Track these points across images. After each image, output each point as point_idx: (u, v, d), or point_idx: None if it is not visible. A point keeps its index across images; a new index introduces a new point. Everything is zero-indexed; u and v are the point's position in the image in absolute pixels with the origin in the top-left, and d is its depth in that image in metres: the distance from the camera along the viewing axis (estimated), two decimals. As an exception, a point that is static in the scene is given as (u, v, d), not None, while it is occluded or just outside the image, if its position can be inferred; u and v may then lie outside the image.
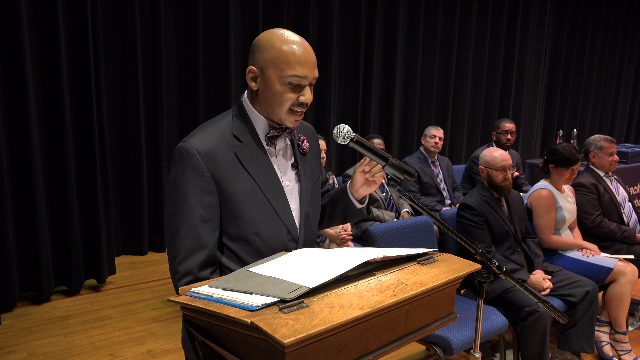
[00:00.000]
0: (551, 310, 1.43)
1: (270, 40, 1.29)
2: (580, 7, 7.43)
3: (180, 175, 1.27)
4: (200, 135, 1.30)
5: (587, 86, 7.87)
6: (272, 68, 1.27)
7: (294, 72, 1.26)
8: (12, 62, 3.27)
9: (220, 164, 1.28)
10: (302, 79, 1.28)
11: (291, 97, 1.29)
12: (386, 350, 1.08)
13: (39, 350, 2.90)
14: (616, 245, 3.25)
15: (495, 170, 2.80)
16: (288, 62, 1.26)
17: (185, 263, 1.26)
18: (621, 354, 2.94)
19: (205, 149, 1.27)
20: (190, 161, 1.26)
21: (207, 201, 1.27)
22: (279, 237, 1.35)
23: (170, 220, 1.29)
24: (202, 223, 1.27)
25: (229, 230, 1.32)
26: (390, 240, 2.70)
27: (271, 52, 1.27)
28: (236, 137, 1.32)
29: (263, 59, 1.29)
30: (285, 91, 1.28)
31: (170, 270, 1.29)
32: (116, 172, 4.21)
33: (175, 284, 1.27)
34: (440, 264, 1.24)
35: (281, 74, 1.27)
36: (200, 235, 1.27)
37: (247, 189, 1.31)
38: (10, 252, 3.26)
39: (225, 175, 1.29)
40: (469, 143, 6.65)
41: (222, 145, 1.30)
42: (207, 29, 4.46)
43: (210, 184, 1.27)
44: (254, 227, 1.31)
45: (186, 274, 1.26)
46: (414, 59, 5.88)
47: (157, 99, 4.24)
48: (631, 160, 5.22)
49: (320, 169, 1.56)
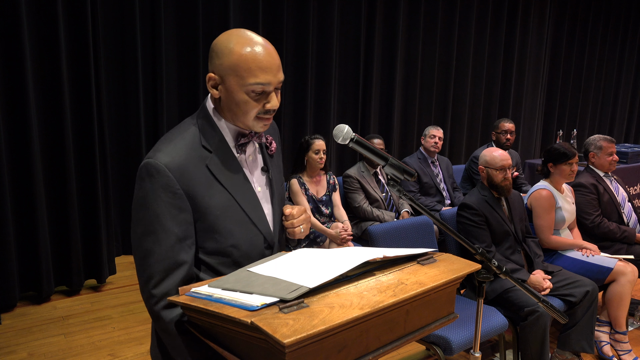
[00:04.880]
0: (551, 310, 1.43)
1: (229, 44, 1.18)
2: (580, 7, 7.43)
3: (151, 194, 1.18)
4: (168, 149, 1.21)
5: (587, 86, 7.87)
6: (233, 76, 1.18)
7: (257, 80, 1.17)
8: (12, 62, 3.27)
9: (193, 178, 1.21)
10: (265, 85, 1.19)
11: (256, 106, 1.21)
12: (386, 350, 1.08)
13: (39, 350, 2.90)
14: (616, 245, 3.25)
15: (495, 170, 2.80)
16: (249, 69, 1.16)
17: (162, 286, 1.18)
18: (621, 354, 2.95)
19: (175, 164, 1.18)
20: (160, 180, 1.17)
21: (181, 218, 1.20)
22: (256, 246, 1.31)
23: (140, 242, 1.20)
24: (177, 242, 1.19)
25: (205, 245, 1.25)
26: (390, 240, 2.70)
27: (230, 58, 1.18)
28: (205, 148, 1.24)
29: (222, 65, 1.19)
30: (248, 100, 1.19)
31: (143, 294, 1.20)
32: (116, 172, 4.21)
33: (151, 308, 1.19)
34: (440, 264, 1.24)
35: (242, 82, 1.18)
36: (177, 255, 1.19)
37: (222, 201, 1.24)
38: (10, 252, 3.27)
39: (198, 189, 1.21)
40: (468, 143, 6.65)
41: (193, 159, 1.22)
42: (207, 29, 4.46)
43: (184, 201, 1.19)
44: (231, 240, 1.26)
45: (163, 296, 1.18)
46: (414, 59, 5.88)
47: (157, 99, 4.24)
48: (631, 160, 5.22)
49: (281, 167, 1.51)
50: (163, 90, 4.25)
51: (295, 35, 5.01)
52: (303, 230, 1.39)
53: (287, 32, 4.92)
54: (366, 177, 3.76)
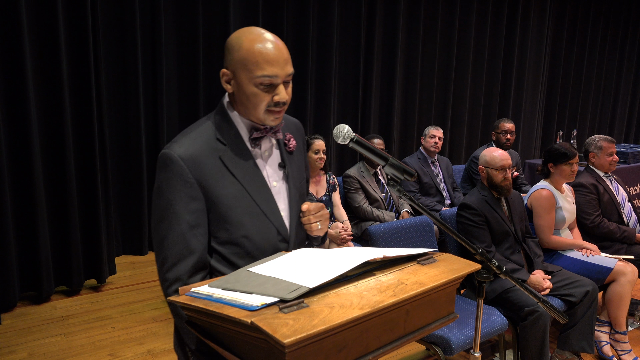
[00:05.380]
0: (551, 310, 1.43)
1: (239, 40, 1.26)
2: (580, 7, 7.43)
3: (165, 183, 1.25)
4: (183, 141, 1.28)
5: (587, 86, 7.87)
6: (242, 70, 1.25)
7: (263, 72, 1.23)
8: (12, 62, 3.27)
9: (205, 169, 1.27)
10: (273, 78, 1.24)
11: (265, 98, 1.26)
12: (386, 350, 1.08)
13: (39, 350, 2.90)
14: (616, 245, 3.25)
15: (495, 170, 2.80)
16: (256, 62, 1.23)
17: (174, 270, 1.25)
18: (621, 354, 2.95)
19: (188, 155, 1.25)
20: (174, 168, 1.24)
21: (193, 207, 1.26)
22: (269, 238, 1.33)
23: (157, 228, 1.28)
24: (189, 229, 1.25)
25: (217, 235, 1.30)
26: (390, 240, 2.70)
27: (240, 53, 1.25)
28: (219, 141, 1.30)
29: (233, 60, 1.26)
30: (257, 92, 1.25)
31: (159, 277, 1.28)
32: (116, 172, 4.21)
33: (165, 291, 1.26)
34: (440, 264, 1.24)
35: (251, 75, 1.24)
36: (188, 241, 1.25)
37: (234, 192, 1.29)
38: (10, 252, 3.26)
39: (210, 180, 1.27)
40: (468, 143, 6.65)
41: (206, 150, 1.28)
42: (207, 28, 4.46)
43: (196, 190, 1.26)
44: (242, 231, 1.30)
45: (175, 280, 1.24)
46: (414, 59, 5.88)
47: (157, 99, 4.24)
48: (631, 160, 5.22)
49: (306, 165, 1.54)
50: (163, 90, 4.25)
51: (295, 35, 5.01)
52: (320, 227, 1.42)
53: (287, 32, 4.92)
54: (366, 177, 3.76)
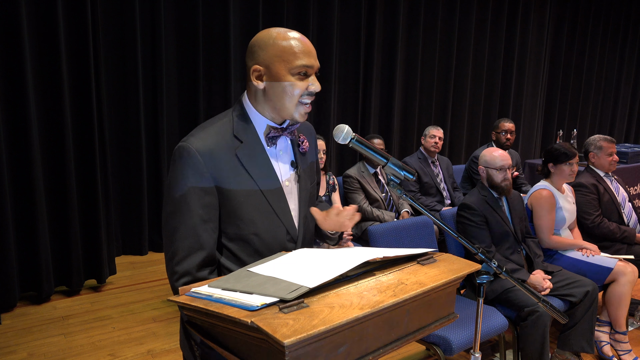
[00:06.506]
0: (551, 310, 1.43)
1: (271, 37, 1.31)
2: (580, 7, 7.43)
3: (180, 175, 1.26)
4: (201, 134, 1.30)
5: (587, 86, 7.87)
6: (279, 62, 1.29)
7: (302, 62, 1.29)
8: (12, 62, 3.27)
9: (220, 163, 1.28)
10: (309, 68, 1.31)
11: (302, 86, 1.31)
12: (386, 350, 1.08)
13: (39, 350, 2.90)
14: (616, 246, 3.25)
15: (495, 170, 2.80)
16: (294, 53, 1.29)
17: (184, 263, 1.25)
18: (621, 354, 2.94)
19: (205, 148, 1.26)
20: (189, 161, 1.25)
21: (206, 201, 1.27)
22: (278, 237, 1.35)
23: (168, 220, 1.28)
24: (201, 223, 1.26)
25: (228, 231, 1.32)
26: (390, 240, 2.70)
27: (275, 48, 1.29)
28: (236, 137, 1.32)
29: (267, 55, 1.30)
30: (295, 82, 1.30)
31: (168, 270, 1.29)
32: (116, 172, 4.21)
33: (173, 284, 1.26)
34: (440, 264, 1.24)
35: (290, 65, 1.29)
36: (199, 235, 1.26)
37: (247, 189, 1.30)
38: (10, 252, 3.26)
39: (225, 175, 1.28)
40: (468, 143, 6.65)
41: (222, 145, 1.29)
42: (207, 29, 4.46)
43: (210, 184, 1.27)
44: (253, 228, 1.31)
45: (184, 274, 1.25)
46: (414, 59, 5.88)
47: (157, 99, 4.24)
48: (631, 160, 5.21)
49: (317, 168, 1.57)
50: (163, 90, 4.25)
51: (295, 35, 5.00)
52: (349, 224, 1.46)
53: (287, 32, 4.92)
54: (366, 177, 3.76)
